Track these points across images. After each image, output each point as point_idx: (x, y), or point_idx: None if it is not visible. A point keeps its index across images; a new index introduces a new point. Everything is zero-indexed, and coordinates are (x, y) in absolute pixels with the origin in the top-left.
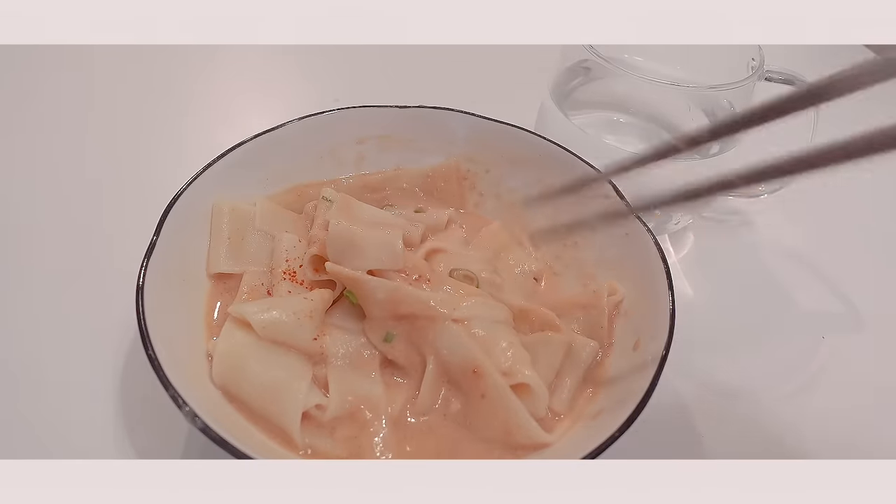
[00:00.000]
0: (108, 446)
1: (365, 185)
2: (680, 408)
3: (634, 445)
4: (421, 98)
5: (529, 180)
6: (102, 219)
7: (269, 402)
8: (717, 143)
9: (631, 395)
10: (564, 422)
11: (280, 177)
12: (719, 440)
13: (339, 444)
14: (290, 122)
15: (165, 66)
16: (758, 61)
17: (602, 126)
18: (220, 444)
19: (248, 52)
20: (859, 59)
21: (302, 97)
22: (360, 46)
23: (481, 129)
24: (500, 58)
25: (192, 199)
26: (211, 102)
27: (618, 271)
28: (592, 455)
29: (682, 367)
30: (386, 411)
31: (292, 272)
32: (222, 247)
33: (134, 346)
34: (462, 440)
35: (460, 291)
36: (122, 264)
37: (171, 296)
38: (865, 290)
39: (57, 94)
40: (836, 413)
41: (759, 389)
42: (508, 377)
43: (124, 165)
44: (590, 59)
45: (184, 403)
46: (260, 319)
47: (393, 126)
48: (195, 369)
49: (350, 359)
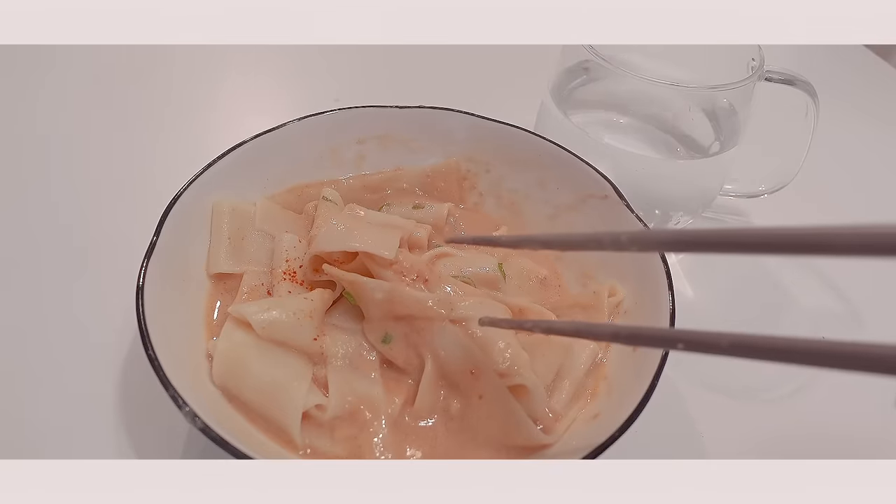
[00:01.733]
0: (108, 446)
1: (365, 185)
2: (680, 408)
3: (634, 445)
4: (421, 98)
5: (529, 180)
6: (102, 219)
7: (269, 402)
8: (717, 142)
9: (631, 395)
10: (563, 422)
11: (280, 177)
12: (719, 440)
13: (339, 445)
14: (290, 122)
15: (165, 66)
16: (758, 61)
17: (602, 126)
18: (220, 444)
19: (249, 52)
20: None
21: (302, 97)
22: (359, 46)
23: (481, 129)
24: (500, 58)
25: (192, 199)
26: (211, 102)
27: (618, 271)
28: (592, 455)
29: (682, 367)
30: (386, 412)
31: (292, 272)
32: (222, 247)
33: (134, 346)
34: (461, 441)
35: (459, 292)
36: (122, 264)
37: (171, 296)
38: (865, 290)
39: (57, 94)
40: (836, 413)
41: (759, 389)
42: (506, 378)
43: (124, 165)
44: (590, 59)
45: (184, 403)
46: (260, 319)
47: (393, 126)
48: (195, 369)
49: (350, 359)
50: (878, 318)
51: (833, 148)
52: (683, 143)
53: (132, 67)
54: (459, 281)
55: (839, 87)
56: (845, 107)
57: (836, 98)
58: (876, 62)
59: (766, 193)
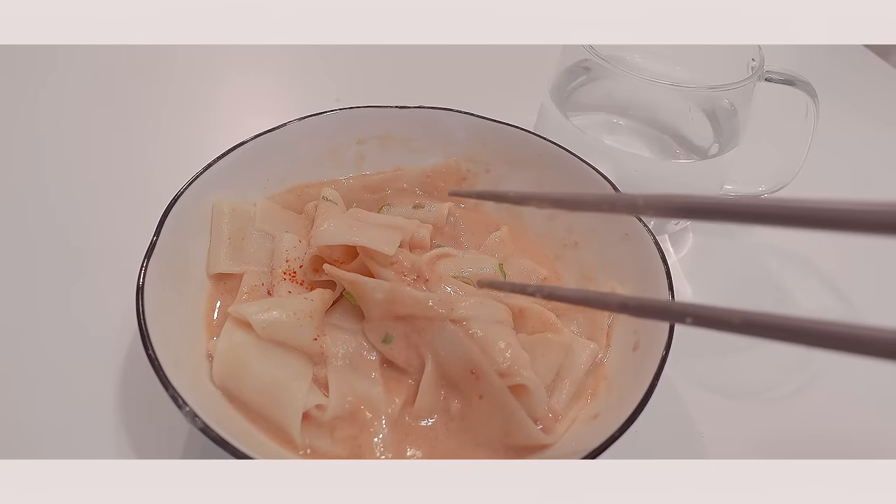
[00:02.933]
0: (108, 446)
1: (365, 185)
2: (680, 408)
3: (634, 445)
4: (421, 98)
5: (529, 180)
6: (102, 219)
7: (269, 402)
8: (716, 143)
9: (631, 395)
10: (564, 422)
11: (280, 177)
12: (719, 440)
13: (339, 445)
14: (290, 122)
15: (165, 66)
16: (758, 61)
17: (602, 126)
18: (220, 444)
19: (249, 52)
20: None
21: (302, 97)
22: (360, 46)
23: (481, 129)
24: (500, 58)
25: (192, 199)
26: (211, 102)
27: (618, 271)
28: (592, 455)
29: (682, 367)
30: (386, 412)
31: (292, 272)
32: (222, 247)
33: (134, 346)
34: (461, 441)
35: (459, 292)
36: (122, 264)
37: (171, 296)
38: (865, 290)
39: (57, 94)
40: (836, 413)
41: (759, 389)
42: (506, 378)
43: (124, 165)
44: (590, 60)
45: (184, 403)
46: (260, 320)
47: (393, 126)
48: (195, 369)
49: (350, 359)
50: (878, 318)
51: (833, 148)
52: (683, 144)
53: (132, 67)
54: (460, 281)
55: (839, 87)
56: (845, 107)
57: (836, 98)
58: (876, 62)
59: (766, 193)
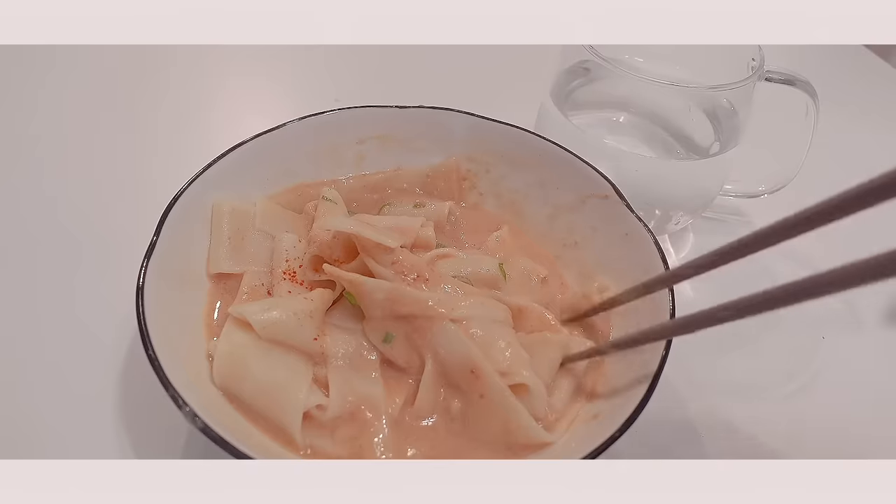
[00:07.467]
0: (109, 446)
1: (365, 185)
2: (680, 408)
3: (634, 445)
4: (421, 98)
5: (529, 180)
6: (102, 219)
7: (269, 402)
8: (716, 142)
9: (631, 395)
10: (564, 422)
11: (280, 177)
12: (719, 440)
13: (340, 445)
14: (290, 122)
15: (166, 67)
16: (758, 61)
17: (602, 126)
18: (220, 444)
19: (249, 52)
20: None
21: (302, 97)
22: (359, 46)
23: (481, 129)
24: (500, 58)
25: (192, 199)
26: (211, 102)
27: (618, 271)
28: (592, 455)
29: (682, 367)
30: (386, 411)
31: (292, 272)
32: (222, 247)
33: (134, 346)
34: (462, 440)
35: (459, 291)
36: (123, 264)
37: (171, 296)
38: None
39: (57, 94)
40: (836, 413)
41: (759, 389)
42: (507, 377)
43: (124, 165)
44: (590, 60)
45: (184, 403)
46: (260, 320)
47: (393, 126)
48: (195, 369)
49: (350, 359)
50: (878, 318)
51: (833, 148)
52: (683, 143)
53: (133, 67)
54: (460, 281)
55: (839, 87)
56: (845, 107)
57: (836, 98)
58: (876, 62)
59: (766, 193)
